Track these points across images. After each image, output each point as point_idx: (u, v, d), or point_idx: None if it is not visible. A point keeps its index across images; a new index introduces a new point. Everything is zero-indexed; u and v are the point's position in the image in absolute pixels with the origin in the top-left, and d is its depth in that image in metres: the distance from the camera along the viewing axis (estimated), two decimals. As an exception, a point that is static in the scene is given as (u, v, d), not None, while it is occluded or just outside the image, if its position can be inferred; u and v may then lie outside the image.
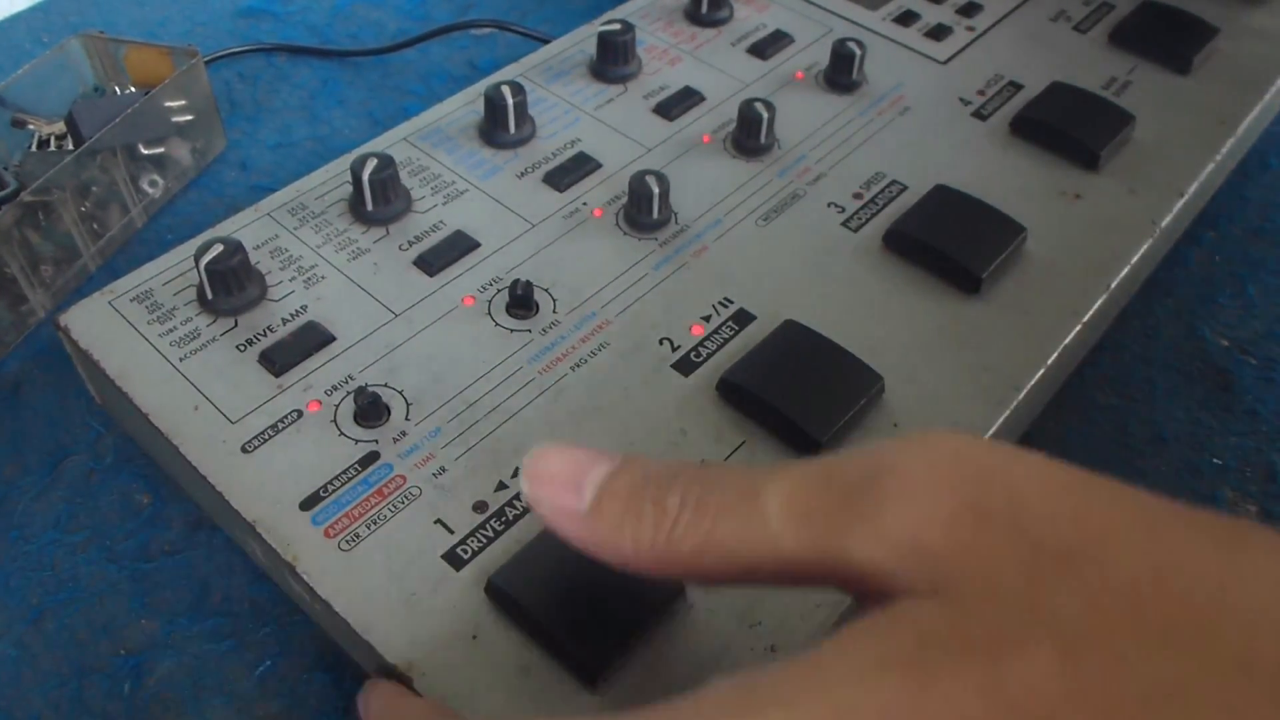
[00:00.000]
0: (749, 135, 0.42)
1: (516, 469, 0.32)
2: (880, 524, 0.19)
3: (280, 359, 0.34)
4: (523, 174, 0.41)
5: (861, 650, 0.18)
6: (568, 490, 0.24)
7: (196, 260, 0.35)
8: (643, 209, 0.39)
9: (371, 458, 0.32)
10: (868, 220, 0.40)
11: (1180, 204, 0.41)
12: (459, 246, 0.38)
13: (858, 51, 0.45)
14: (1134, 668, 0.16)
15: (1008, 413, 0.34)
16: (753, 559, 0.21)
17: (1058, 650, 0.16)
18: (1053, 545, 0.18)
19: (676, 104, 0.45)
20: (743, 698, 0.18)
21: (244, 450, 0.32)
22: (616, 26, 0.46)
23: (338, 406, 0.33)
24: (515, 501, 0.31)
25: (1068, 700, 0.16)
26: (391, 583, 0.29)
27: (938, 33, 0.50)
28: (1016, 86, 0.47)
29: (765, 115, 0.41)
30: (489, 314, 0.36)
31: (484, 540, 0.30)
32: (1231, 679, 0.16)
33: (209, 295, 0.36)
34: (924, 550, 0.18)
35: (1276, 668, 0.16)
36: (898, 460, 0.20)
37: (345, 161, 0.41)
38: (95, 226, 0.45)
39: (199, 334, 0.35)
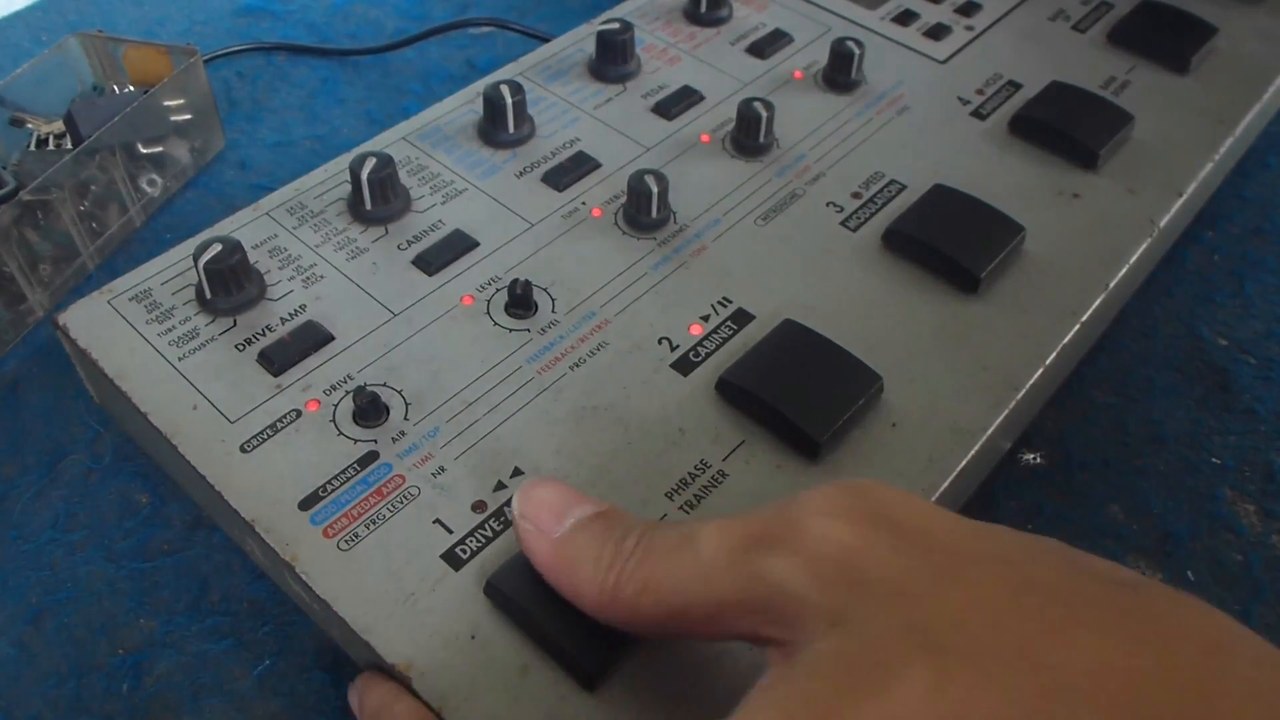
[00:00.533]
0: (748, 135, 0.42)
1: (516, 469, 0.32)
2: (790, 544, 0.22)
3: (279, 358, 0.34)
4: (522, 173, 0.41)
5: (774, 706, 0.20)
6: (552, 515, 0.27)
7: (195, 259, 0.35)
8: (642, 208, 0.39)
9: (370, 457, 0.32)
10: (866, 220, 0.40)
11: (1179, 203, 0.41)
12: (458, 246, 0.38)
13: (856, 51, 0.45)
14: (996, 684, 0.18)
15: (1006, 412, 0.34)
16: (686, 598, 0.23)
17: (930, 672, 0.18)
18: (929, 563, 0.20)
19: (675, 103, 0.45)
20: None
21: (243, 450, 0.32)
22: (615, 26, 0.46)
23: (336, 406, 0.33)
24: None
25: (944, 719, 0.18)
26: (390, 582, 0.29)
27: (937, 32, 0.50)
28: (1015, 86, 0.47)
29: (764, 115, 0.41)
30: (488, 313, 0.36)
31: (483, 540, 0.30)
32: (1081, 693, 0.18)
33: (208, 294, 0.36)
34: (824, 565, 0.21)
35: (1124, 678, 0.18)
36: (806, 495, 0.23)
37: (344, 161, 0.41)
38: (94, 225, 0.45)
39: (198, 333, 0.35)
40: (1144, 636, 0.19)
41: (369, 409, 0.32)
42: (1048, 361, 0.35)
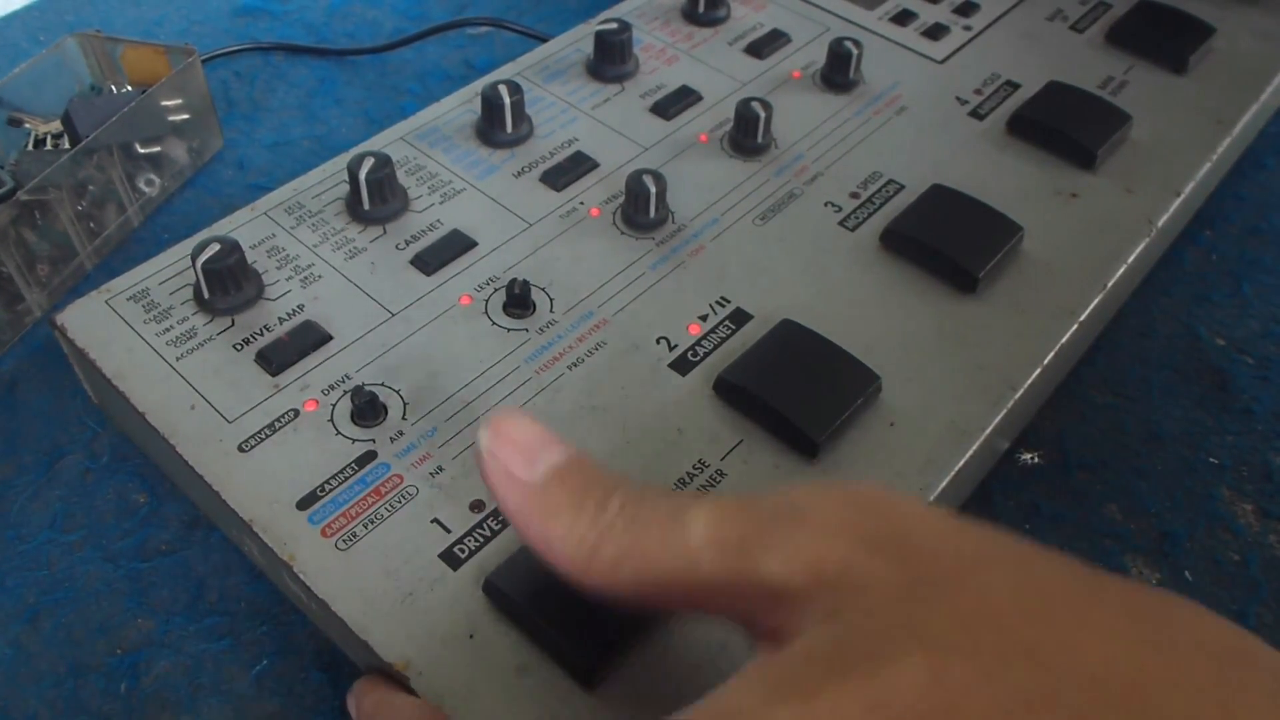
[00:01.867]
0: (746, 135, 0.42)
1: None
2: (789, 548, 0.21)
3: (277, 358, 0.34)
4: (520, 173, 0.41)
5: (761, 681, 0.19)
6: (523, 456, 0.25)
7: (193, 259, 0.35)
8: (640, 208, 0.39)
9: (368, 457, 0.32)
10: (865, 220, 0.40)
11: (1177, 203, 0.42)
12: (456, 246, 0.38)
13: (855, 51, 0.45)
14: (997, 679, 0.18)
15: (1004, 412, 0.34)
16: (669, 574, 0.23)
17: (928, 661, 0.18)
18: (930, 572, 0.20)
19: (674, 103, 0.45)
20: None
21: (241, 449, 0.32)
22: (614, 25, 0.46)
23: (334, 406, 0.33)
24: (512, 501, 0.31)
25: (937, 708, 0.17)
26: (388, 582, 0.29)
27: (935, 32, 0.50)
28: (1013, 86, 0.47)
29: (762, 114, 0.41)
30: (486, 313, 0.36)
31: (481, 539, 0.30)
32: (1086, 692, 0.17)
33: (206, 294, 0.36)
34: (824, 572, 0.21)
35: (1127, 682, 0.18)
36: (809, 500, 0.22)
37: (342, 160, 0.41)
38: (91, 225, 0.45)
39: (196, 333, 0.35)
40: (1158, 641, 0.18)
41: (367, 409, 0.32)
42: (1046, 361, 0.35)
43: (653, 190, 0.38)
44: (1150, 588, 0.20)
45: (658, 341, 0.35)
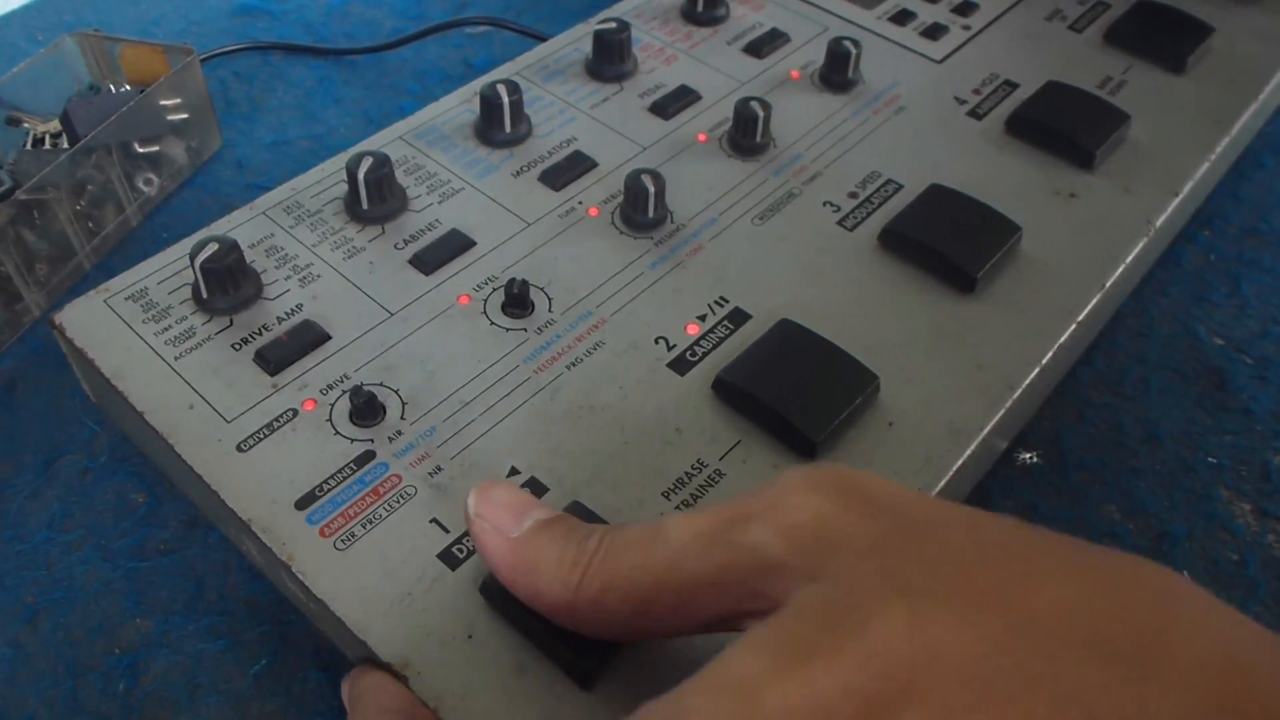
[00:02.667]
0: (745, 134, 0.42)
1: (513, 468, 0.32)
2: (763, 523, 0.22)
3: (275, 358, 0.34)
4: (518, 173, 0.41)
5: (759, 648, 0.20)
6: (509, 515, 0.26)
7: (192, 259, 0.35)
8: (638, 208, 0.39)
9: (367, 457, 0.32)
10: (863, 219, 0.40)
11: (1175, 203, 0.42)
12: (454, 245, 0.38)
13: (853, 50, 0.45)
14: (972, 623, 0.19)
15: (1003, 411, 0.34)
16: (653, 585, 0.23)
17: (907, 609, 0.20)
18: (896, 523, 0.22)
19: (672, 103, 0.45)
20: (668, 712, 0.20)
21: (239, 449, 0.32)
22: (612, 25, 0.46)
23: (333, 405, 0.33)
24: (511, 500, 0.31)
25: (921, 652, 0.19)
26: (387, 582, 0.29)
27: (933, 32, 0.50)
28: (1012, 85, 0.47)
29: (761, 114, 0.42)
30: (484, 313, 0.36)
31: (479, 539, 0.30)
32: (1049, 630, 0.19)
33: (204, 294, 0.36)
34: (800, 536, 0.22)
35: (1080, 620, 0.20)
36: (780, 479, 0.24)
37: (341, 160, 0.41)
38: (90, 225, 0.45)
39: (194, 333, 0.35)
40: (1101, 582, 0.20)
41: (366, 408, 0.32)
42: (1044, 361, 0.35)
43: (651, 190, 0.38)
44: (1082, 541, 0.22)
45: (656, 341, 0.35)
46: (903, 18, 0.51)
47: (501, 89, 0.42)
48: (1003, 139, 0.44)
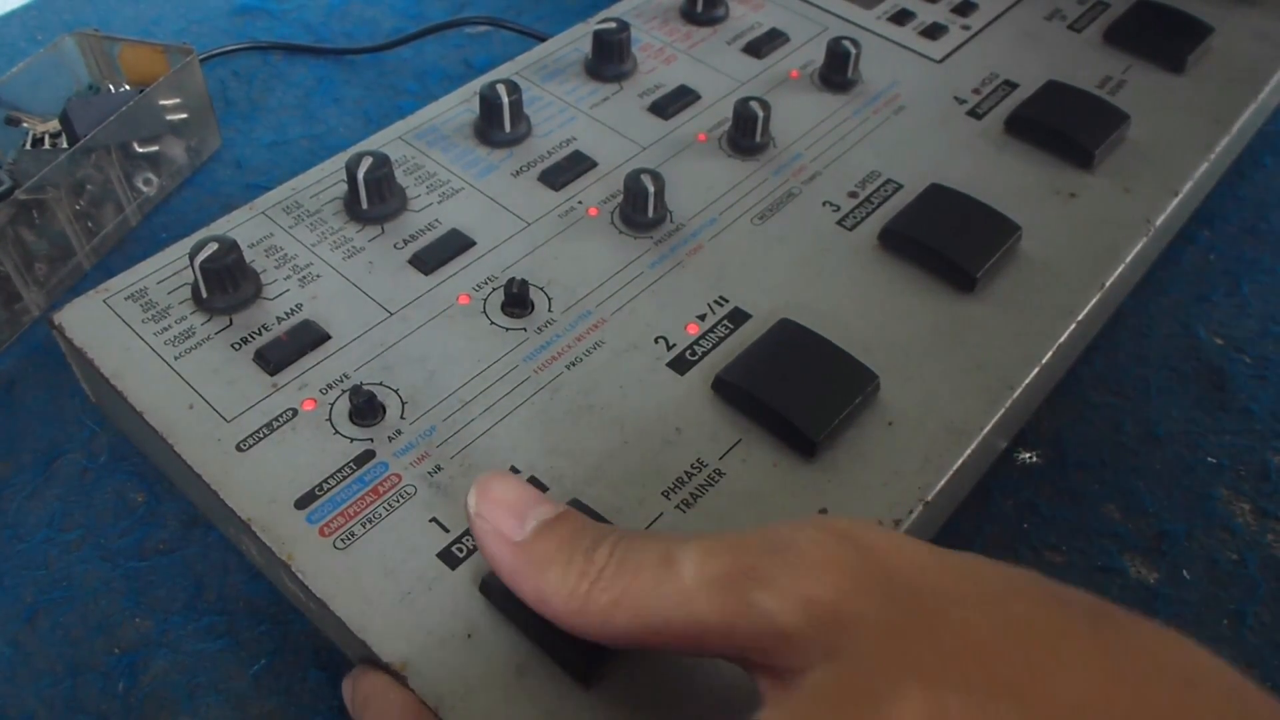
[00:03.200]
0: (744, 134, 0.42)
1: (512, 467, 0.32)
2: (780, 586, 0.22)
3: (275, 357, 0.34)
4: (518, 172, 0.41)
5: None
6: (511, 516, 0.26)
7: (191, 259, 0.35)
8: (638, 207, 0.39)
9: (366, 456, 0.32)
10: (863, 219, 0.40)
11: (1175, 203, 0.42)
12: (454, 245, 0.38)
13: (853, 50, 0.45)
14: (988, 714, 0.19)
15: (1002, 411, 0.34)
16: (663, 616, 0.23)
17: (924, 696, 0.19)
18: (915, 607, 0.21)
19: (672, 103, 0.45)
20: None
21: (239, 449, 0.32)
22: (612, 25, 0.46)
23: (333, 405, 0.33)
24: (510, 500, 0.31)
25: None
26: (387, 581, 0.29)
27: (933, 31, 0.50)
28: (1011, 85, 0.47)
29: (760, 114, 0.42)
30: (484, 312, 0.36)
31: (479, 539, 0.30)
32: None
33: (204, 294, 0.36)
34: (818, 611, 0.21)
35: (1104, 711, 0.19)
36: (795, 537, 0.23)
37: (340, 160, 0.41)
38: (90, 225, 0.45)
39: (194, 332, 0.35)
40: (1124, 673, 0.20)
41: (365, 408, 0.32)
42: (1044, 360, 0.35)
43: (651, 189, 0.38)
44: (1114, 610, 0.21)
45: (656, 341, 0.35)
46: (902, 17, 0.51)
47: (501, 89, 0.42)
48: (1002, 139, 0.44)
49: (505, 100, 0.42)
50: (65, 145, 0.46)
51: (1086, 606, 0.21)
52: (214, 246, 0.35)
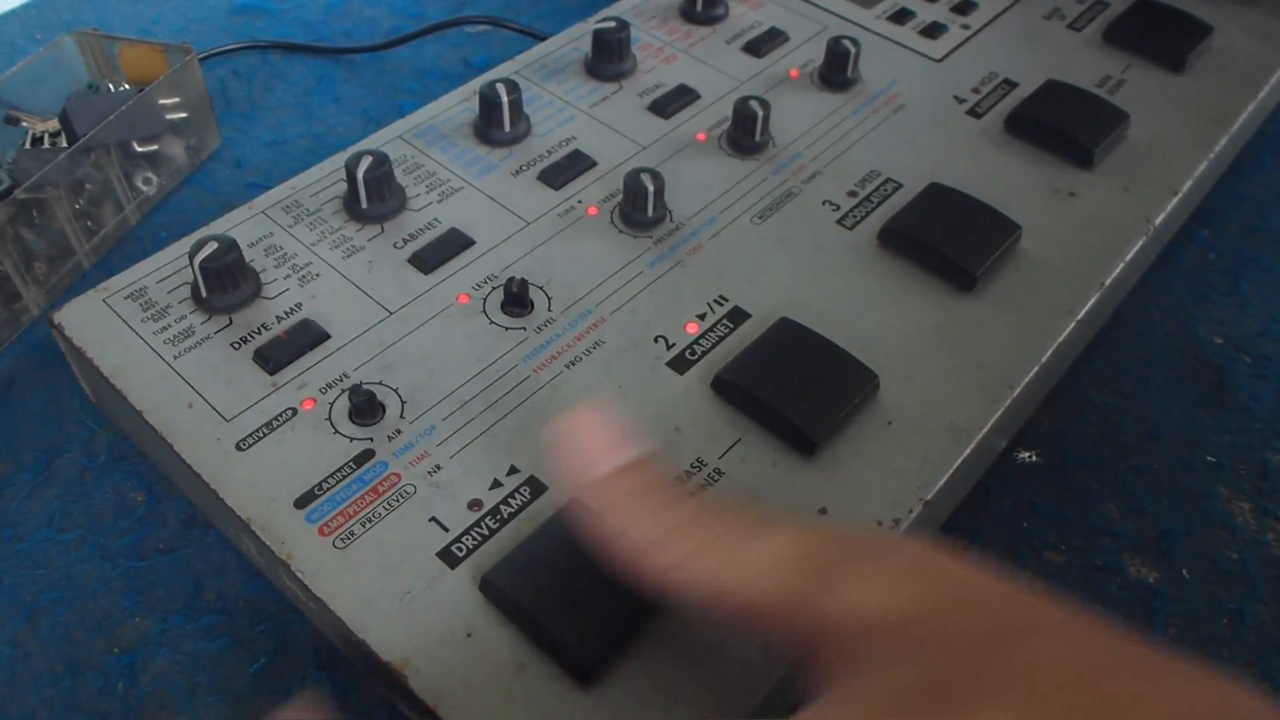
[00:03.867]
0: (744, 133, 0.42)
1: (512, 467, 0.32)
2: (871, 583, 0.22)
3: (275, 357, 0.34)
4: (518, 172, 0.41)
5: (860, 710, 0.20)
6: (595, 450, 0.26)
7: (191, 258, 0.35)
8: (638, 207, 0.39)
9: (366, 456, 0.32)
10: (863, 218, 0.40)
11: (1174, 202, 0.42)
12: (454, 244, 0.38)
13: (852, 49, 0.45)
14: None
15: (1002, 410, 0.34)
16: (723, 591, 0.24)
17: (1017, 706, 0.19)
18: (998, 629, 0.21)
19: (671, 102, 0.45)
20: None
21: (238, 448, 0.32)
22: (612, 24, 0.46)
23: (332, 404, 0.33)
24: (510, 499, 0.31)
25: None
26: (386, 581, 0.29)
27: (932, 31, 0.50)
28: (1011, 84, 0.47)
29: (760, 113, 0.41)
30: (484, 312, 0.36)
31: (479, 538, 0.30)
32: None
33: (203, 293, 0.36)
34: (907, 612, 0.22)
35: None
36: (886, 546, 0.24)
37: (340, 159, 0.41)
38: (89, 224, 0.45)
39: (193, 332, 0.35)
40: (1195, 714, 0.20)
41: (365, 407, 0.32)
42: (1043, 360, 0.35)
43: (650, 189, 0.38)
44: (1167, 654, 0.21)
45: (656, 340, 0.35)
46: (902, 16, 0.51)
47: (501, 88, 0.42)
48: (1002, 138, 0.44)
49: (505, 99, 0.42)
50: (65, 144, 0.46)
51: (1133, 645, 0.22)
52: (213, 246, 0.35)
